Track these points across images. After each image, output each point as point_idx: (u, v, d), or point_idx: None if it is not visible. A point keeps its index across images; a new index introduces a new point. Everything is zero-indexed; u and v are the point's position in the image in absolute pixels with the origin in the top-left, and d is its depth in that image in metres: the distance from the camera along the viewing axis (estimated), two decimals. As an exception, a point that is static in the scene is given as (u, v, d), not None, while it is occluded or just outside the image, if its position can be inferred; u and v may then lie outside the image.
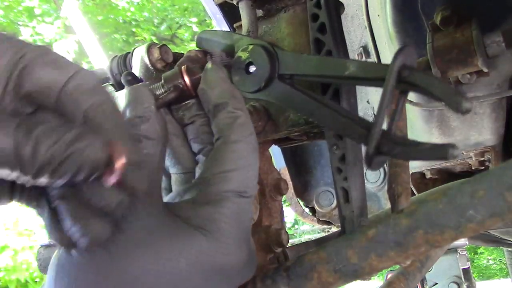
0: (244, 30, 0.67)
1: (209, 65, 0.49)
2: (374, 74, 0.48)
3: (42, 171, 0.31)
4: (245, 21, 0.67)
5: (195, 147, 0.49)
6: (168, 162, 0.50)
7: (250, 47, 0.58)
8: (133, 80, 0.59)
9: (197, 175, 0.47)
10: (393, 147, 0.43)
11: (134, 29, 9.81)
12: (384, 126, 0.45)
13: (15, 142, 0.30)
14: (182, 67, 0.50)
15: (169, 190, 0.51)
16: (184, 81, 0.49)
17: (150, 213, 0.40)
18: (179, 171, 0.50)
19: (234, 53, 0.60)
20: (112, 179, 0.33)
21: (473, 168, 1.21)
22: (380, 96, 0.44)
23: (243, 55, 0.59)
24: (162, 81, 0.50)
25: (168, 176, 0.51)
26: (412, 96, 1.08)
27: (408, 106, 1.05)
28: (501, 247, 3.32)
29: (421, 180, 1.32)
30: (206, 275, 0.40)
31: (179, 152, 0.50)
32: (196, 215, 0.41)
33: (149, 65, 0.61)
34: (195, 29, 9.75)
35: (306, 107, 0.54)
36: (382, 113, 0.44)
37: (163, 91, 0.49)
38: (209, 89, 0.47)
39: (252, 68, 0.58)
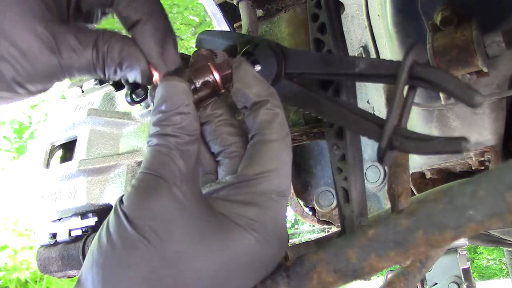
0: (244, 30, 0.67)
1: (239, 61, 0.48)
2: (385, 71, 0.48)
3: (113, 73, 0.46)
4: (245, 21, 0.68)
5: (215, 148, 0.48)
6: None
7: (256, 46, 0.58)
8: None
9: (221, 175, 0.48)
10: (405, 142, 0.43)
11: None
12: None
13: (89, 60, 0.45)
14: (210, 63, 0.48)
15: None
16: (214, 77, 0.48)
17: (195, 212, 0.41)
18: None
19: (237, 53, 0.60)
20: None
21: (473, 168, 1.21)
22: (386, 92, 0.44)
23: (248, 54, 0.58)
24: (190, 76, 0.48)
25: None
26: (412, 96, 1.08)
27: (408, 106, 1.04)
28: (501, 247, 3.32)
29: (421, 180, 1.32)
30: (249, 272, 0.42)
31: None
32: (242, 214, 0.42)
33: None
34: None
35: (316, 105, 0.53)
36: (394, 109, 0.44)
37: (215, 79, 0.48)
38: (245, 87, 0.47)
39: (258, 67, 0.57)
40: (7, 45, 0.42)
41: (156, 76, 0.47)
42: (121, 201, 0.42)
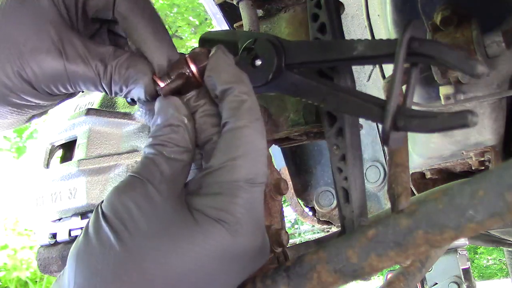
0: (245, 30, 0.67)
1: (213, 50, 0.48)
2: (383, 51, 0.47)
3: (119, 90, 0.47)
4: (246, 21, 0.67)
5: (200, 140, 0.48)
6: None
7: (255, 41, 0.58)
8: None
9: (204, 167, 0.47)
10: (410, 120, 0.42)
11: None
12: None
13: (95, 72, 0.46)
14: (187, 54, 0.48)
15: None
16: (190, 68, 0.47)
17: (168, 209, 0.41)
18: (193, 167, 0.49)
19: (238, 50, 0.60)
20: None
21: (473, 168, 1.21)
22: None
23: (248, 49, 0.58)
24: (188, 60, 0.48)
25: None
26: (412, 96, 1.08)
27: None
28: (501, 247, 3.32)
29: (421, 180, 1.32)
30: (224, 266, 0.41)
31: None
32: (211, 206, 0.41)
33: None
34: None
35: (318, 94, 0.53)
36: (395, 87, 0.43)
37: (169, 80, 0.48)
38: (215, 75, 0.46)
39: (258, 62, 0.57)
40: (17, 42, 0.44)
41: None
42: (102, 201, 0.43)
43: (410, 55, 0.44)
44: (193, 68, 0.47)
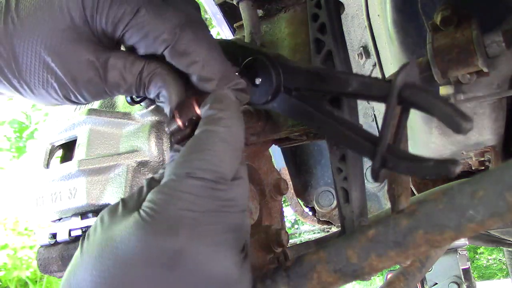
0: (246, 31, 0.67)
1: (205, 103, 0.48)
2: (376, 93, 0.49)
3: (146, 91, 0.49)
4: (246, 21, 0.67)
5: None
6: None
7: (255, 60, 0.58)
8: None
9: None
10: (398, 162, 0.44)
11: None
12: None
13: (132, 86, 0.49)
14: (194, 98, 0.49)
15: None
16: (197, 113, 0.48)
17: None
18: None
19: (239, 64, 0.60)
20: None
21: (473, 168, 1.21)
22: (384, 113, 0.45)
23: (248, 67, 0.58)
24: (176, 114, 0.49)
25: None
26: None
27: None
28: (501, 247, 3.32)
29: (421, 180, 1.32)
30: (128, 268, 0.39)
31: None
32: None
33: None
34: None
35: (312, 120, 0.54)
36: (386, 129, 0.45)
37: (178, 125, 0.49)
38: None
39: (258, 80, 0.58)
40: (60, 72, 0.46)
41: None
42: None
43: (401, 101, 0.45)
44: (198, 112, 0.48)
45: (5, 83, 0.47)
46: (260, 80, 0.58)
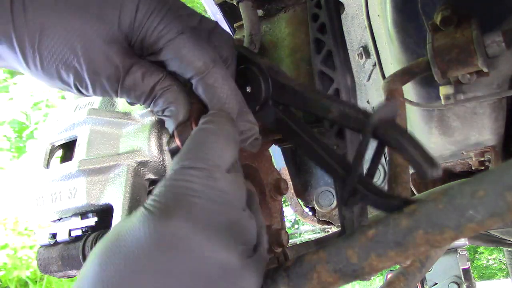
0: (246, 32, 0.67)
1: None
2: (354, 125, 0.51)
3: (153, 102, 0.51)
4: (246, 22, 0.67)
5: None
6: None
7: (247, 68, 0.58)
8: None
9: None
10: (367, 195, 0.46)
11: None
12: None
13: (142, 95, 0.51)
14: (192, 119, 0.51)
15: None
16: (178, 144, 0.52)
17: None
18: None
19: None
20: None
21: (473, 168, 1.21)
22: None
23: (241, 73, 0.59)
24: (175, 133, 0.52)
25: None
26: (412, 96, 1.08)
27: (408, 106, 1.05)
28: (501, 247, 3.32)
29: (421, 180, 1.32)
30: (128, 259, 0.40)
31: None
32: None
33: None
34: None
35: (294, 139, 0.56)
36: (358, 161, 0.47)
37: (177, 144, 0.52)
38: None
39: (248, 89, 0.58)
40: (83, 61, 0.48)
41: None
42: None
43: (376, 137, 0.47)
44: (178, 143, 0.52)
45: (16, 48, 0.47)
46: (250, 89, 0.58)
